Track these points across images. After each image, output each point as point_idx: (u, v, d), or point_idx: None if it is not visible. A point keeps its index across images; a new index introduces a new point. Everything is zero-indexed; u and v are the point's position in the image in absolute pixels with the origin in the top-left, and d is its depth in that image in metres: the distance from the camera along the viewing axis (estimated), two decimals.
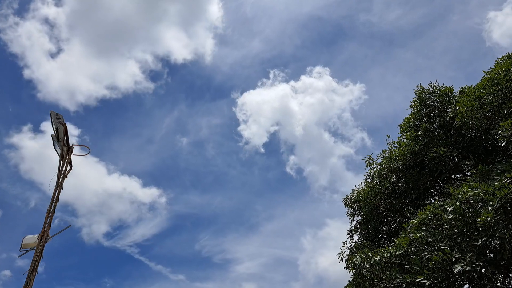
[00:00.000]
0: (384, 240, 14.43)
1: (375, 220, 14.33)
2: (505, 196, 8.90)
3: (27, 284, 7.52)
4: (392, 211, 14.14)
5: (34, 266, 7.80)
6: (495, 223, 8.89)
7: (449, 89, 14.00)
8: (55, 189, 8.80)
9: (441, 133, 13.57)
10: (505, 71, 11.36)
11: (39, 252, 8.01)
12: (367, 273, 11.01)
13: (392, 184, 13.97)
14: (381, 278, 10.56)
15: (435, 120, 13.86)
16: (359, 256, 11.28)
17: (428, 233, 9.89)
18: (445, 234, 9.59)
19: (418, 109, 14.19)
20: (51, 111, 8.95)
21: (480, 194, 9.38)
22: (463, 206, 9.54)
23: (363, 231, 14.72)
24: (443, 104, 13.86)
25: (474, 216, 9.29)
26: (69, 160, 9.26)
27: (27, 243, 8.19)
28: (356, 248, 14.19)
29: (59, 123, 8.99)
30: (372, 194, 14.30)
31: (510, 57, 11.72)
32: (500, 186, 9.21)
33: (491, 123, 11.66)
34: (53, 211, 8.51)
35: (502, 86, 11.28)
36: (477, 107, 11.74)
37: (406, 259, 10.22)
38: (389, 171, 14.05)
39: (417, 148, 13.44)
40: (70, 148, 9.31)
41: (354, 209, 15.11)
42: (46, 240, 8.22)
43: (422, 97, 14.09)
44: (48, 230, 8.34)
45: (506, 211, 8.93)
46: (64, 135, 9.10)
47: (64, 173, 9.12)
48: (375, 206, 14.19)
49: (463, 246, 9.26)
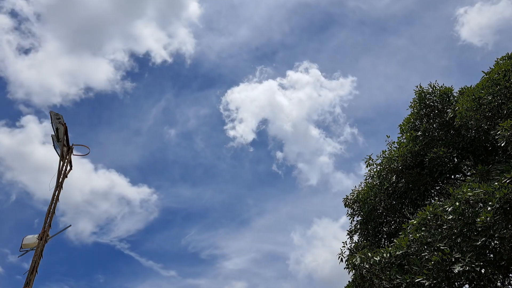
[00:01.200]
0: (384, 240, 14.44)
1: (375, 220, 14.34)
2: (504, 196, 8.91)
3: (27, 284, 7.53)
4: (392, 212, 14.15)
5: (34, 266, 7.80)
6: (494, 223, 8.89)
7: (449, 89, 14.02)
8: (55, 189, 8.81)
9: (440, 133, 13.58)
10: (505, 71, 11.37)
11: (39, 252, 8.01)
12: (367, 273, 11.01)
13: (392, 184, 13.98)
14: (381, 278, 10.57)
15: (434, 120, 13.88)
16: (359, 257, 11.29)
17: (428, 233, 9.90)
18: (444, 234, 9.60)
19: (417, 109, 14.21)
20: (51, 111, 8.95)
21: (480, 194, 9.39)
22: (462, 206, 9.54)
23: (363, 232, 14.73)
24: (442, 105, 13.88)
25: (474, 216, 9.30)
26: (69, 160, 9.27)
27: (27, 243, 8.18)
28: (356, 249, 14.20)
29: (59, 123, 8.99)
30: (372, 195, 14.31)
31: (509, 57, 11.73)
32: (500, 186, 9.22)
33: (490, 123, 11.67)
34: (53, 211, 8.52)
35: (501, 86, 11.29)
36: (476, 108, 11.75)
37: (406, 259, 10.23)
38: (389, 172, 14.05)
39: (417, 148, 13.45)
40: (70, 148, 9.31)
41: (354, 209, 15.12)
42: (46, 240, 8.23)
43: (422, 97, 14.11)
44: (48, 230, 8.34)
45: (505, 211, 8.93)
46: (64, 135, 9.10)
47: (64, 173, 9.13)
48: (375, 206, 14.20)
49: (462, 246, 9.27)
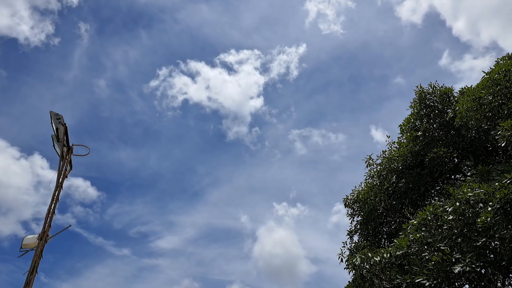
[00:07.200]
0: (384, 240, 14.43)
1: (375, 220, 14.33)
2: (505, 197, 8.90)
3: (27, 284, 7.52)
4: (392, 212, 14.14)
5: (34, 266, 7.79)
6: (495, 223, 8.88)
7: (449, 90, 14.01)
8: (55, 189, 8.79)
9: (441, 133, 13.57)
10: (505, 71, 11.36)
11: (39, 252, 8.00)
12: (367, 273, 11.01)
13: (392, 184, 13.97)
14: (381, 278, 10.56)
15: (435, 120, 13.86)
16: (359, 257, 11.28)
17: (428, 233, 9.89)
18: (445, 234, 9.59)
19: (418, 109, 14.20)
20: (51, 111, 8.93)
21: (480, 195, 9.38)
22: (463, 206, 9.53)
23: (363, 232, 14.72)
24: (443, 105, 13.87)
25: (474, 216, 9.29)
26: (69, 160, 9.25)
27: (27, 243, 8.17)
28: (356, 249, 14.19)
29: (59, 123, 8.97)
30: (372, 195, 14.30)
31: (510, 58, 11.72)
32: (500, 186, 9.21)
33: (491, 123, 11.66)
34: (53, 211, 8.51)
35: (502, 86, 11.28)
36: (477, 108, 11.74)
37: (406, 259, 10.22)
38: (389, 172, 14.05)
39: (417, 148, 13.44)
40: (70, 148, 9.30)
41: (354, 209, 15.11)
42: (46, 240, 8.21)
43: (422, 97, 14.09)
44: (48, 230, 8.33)
45: (506, 212, 8.92)
46: (64, 135, 9.08)
47: (64, 173, 9.11)
48: (375, 206, 14.19)
49: (463, 247, 9.26)
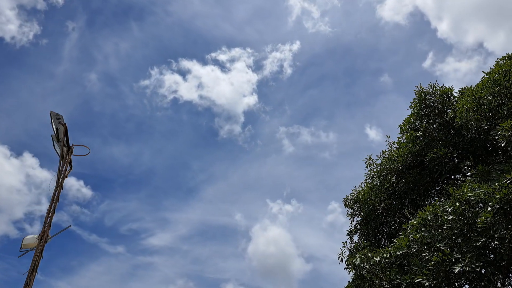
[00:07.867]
0: (384, 240, 14.43)
1: (375, 220, 14.33)
2: (504, 197, 8.90)
3: (27, 284, 7.52)
4: (392, 212, 14.14)
5: (34, 266, 7.80)
6: (494, 223, 8.89)
7: (449, 90, 14.01)
8: (55, 189, 8.80)
9: (441, 133, 13.57)
10: (505, 71, 11.36)
11: (39, 253, 8.01)
12: (367, 273, 11.01)
13: (392, 184, 13.97)
14: (381, 278, 10.56)
15: (435, 120, 13.86)
16: (359, 257, 11.28)
17: (428, 233, 9.89)
18: (445, 234, 9.59)
19: (418, 109, 14.19)
20: (51, 111, 8.94)
21: (480, 195, 9.38)
22: (463, 206, 9.53)
23: (363, 232, 14.72)
24: (443, 105, 13.86)
25: (474, 216, 9.29)
26: (69, 160, 9.25)
27: (27, 243, 8.18)
28: (356, 249, 14.19)
29: (59, 123, 8.98)
30: (372, 195, 14.30)
31: (510, 58, 11.72)
32: (500, 186, 9.21)
33: (491, 123, 11.66)
34: (53, 212, 8.51)
35: (502, 86, 11.28)
36: (477, 108, 11.74)
37: (406, 259, 10.22)
38: (389, 172, 14.05)
39: (417, 148, 13.44)
40: (70, 148, 9.30)
41: (354, 209, 15.11)
42: (46, 240, 8.22)
43: (422, 97, 14.09)
44: (48, 230, 8.33)
45: (505, 212, 8.92)
46: (64, 135, 9.09)
47: (64, 173, 9.12)
48: (375, 206, 14.19)
49: (463, 247, 9.26)
